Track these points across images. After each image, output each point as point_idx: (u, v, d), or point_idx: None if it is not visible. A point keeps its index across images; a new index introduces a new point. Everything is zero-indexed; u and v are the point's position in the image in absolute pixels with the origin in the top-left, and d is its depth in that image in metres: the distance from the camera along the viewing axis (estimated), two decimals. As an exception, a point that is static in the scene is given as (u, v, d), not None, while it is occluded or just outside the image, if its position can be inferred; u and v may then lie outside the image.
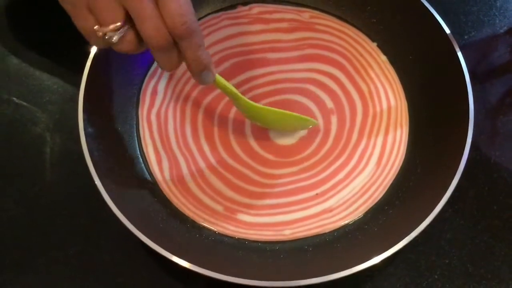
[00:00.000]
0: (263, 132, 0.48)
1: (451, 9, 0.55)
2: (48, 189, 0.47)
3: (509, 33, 0.54)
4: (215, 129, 0.48)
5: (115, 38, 0.33)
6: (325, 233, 0.44)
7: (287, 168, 0.47)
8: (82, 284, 0.43)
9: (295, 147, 0.48)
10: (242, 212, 0.45)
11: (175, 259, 0.37)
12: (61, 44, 0.53)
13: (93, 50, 0.44)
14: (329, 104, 0.49)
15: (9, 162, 0.48)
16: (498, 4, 0.56)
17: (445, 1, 0.55)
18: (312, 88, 0.50)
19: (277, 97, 0.49)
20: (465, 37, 0.54)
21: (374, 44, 0.52)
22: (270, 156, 0.47)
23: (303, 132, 0.48)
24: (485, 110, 0.50)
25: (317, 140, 0.48)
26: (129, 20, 0.32)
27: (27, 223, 0.46)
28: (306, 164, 0.47)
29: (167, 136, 0.48)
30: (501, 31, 0.54)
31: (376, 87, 0.50)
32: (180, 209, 0.45)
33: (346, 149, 0.47)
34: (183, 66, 0.36)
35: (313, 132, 0.48)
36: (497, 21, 0.55)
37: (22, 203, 0.47)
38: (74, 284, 0.43)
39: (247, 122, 0.48)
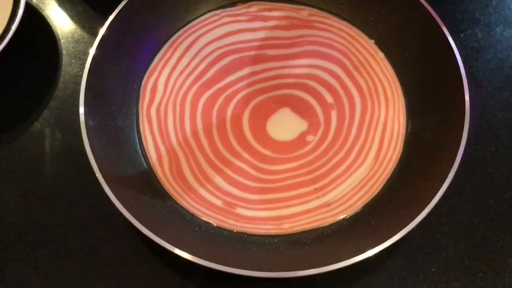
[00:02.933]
0: (261, 128, 0.48)
1: (447, 8, 0.56)
2: (49, 183, 0.47)
3: (505, 31, 0.55)
4: (214, 125, 0.49)
5: None
6: (323, 227, 0.45)
7: (286, 164, 0.47)
8: (83, 276, 0.44)
9: (294, 144, 0.48)
10: (241, 206, 0.45)
11: (177, 251, 0.37)
12: (63, 39, 0.54)
13: (94, 46, 0.45)
14: (329, 99, 0.50)
15: (10, 156, 0.49)
16: (493, 3, 0.56)
17: (442, -1, 0.56)
18: (311, 83, 0.50)
19: (277, 92, 0.50)
20: (461, 35, 0.54)
21: (372, 41, 0.52)
22: (268, 152, 0.48)
23: (303, 127, 0.49)
24: (481, 106, 0.50)
25: (318, 135, 0.48)
26: None
27: (28, 217, 0.46)
28: (305, 159, 0.47)
29: (166, 131, 0.48)
30: (497, 29, 0.55)
31: (374, 83, 0.51)
32: (180, 203, 0.45)
33: (345, 144, 0.48)
34: (184, 62, 0.36)
35: (314, 127, 0.49)
36: (493, 19, 0.55)
37: (23, 197, 0.47)
38: (75, 277, 0.44)
39: (245, 119, 0.49)
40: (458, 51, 0.45)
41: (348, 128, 0.49)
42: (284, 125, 0.49)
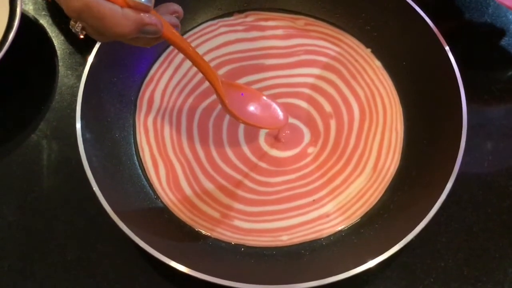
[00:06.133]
0: (256, 142, 0.48)
1: (443, 17, 0.56)
2: (46, 195, 0.47)
3: (502, 39, 0.55)
4: (210, 136, 0.48)
5: None
6: (322, 238, 0.44)
7: (284, 176, 0.47)
8: (80, 290, 0.44)
9: (292, 157, 0.48)
10: (238, 218, 0.45)
11: (173, 264, 0.37)
12: (59, 50, 0.54)
13: (91, 57, 0.45)
14: (327, 108, 0.50)
15: (7, 169, 0.48)
16: (490, 11, 0.56)
17: (438, 8, 0.56)
18: (309, 92, 0.51)
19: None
20: (458, 43, 0.54)
21: (369, 50, 0.52)
22: (264, 165, 0.48)
23: (307, 139, 0.49)
24: (479, 114, 0.50)
25: (318, 146, 0.48)
26: None
27: (25, 229, 0.46)
28: (303, 171, 0.47)
29: (163, 142, 0.48)
30: (494, 37, 0.55)
31: (371, 92, 0.51)
32: (177, 215, 0.45)
33: (344, 154, 0.48)
34: (180, 73, 0.36)
35: (315, 137, 0.49)
36: (490, 28, 0.56)
37: (20, 209, 0.47)
38: (72, 290, 0.44)
39: (240, 132, 0.49)
40: (455, 60, 0.45)
41: (347, 137, 0.49)
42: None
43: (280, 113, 0.46)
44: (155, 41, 0.37)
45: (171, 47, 0.52)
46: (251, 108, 0.46)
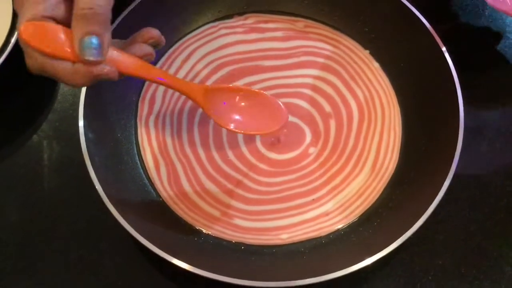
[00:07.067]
0: (254, 144, 0.49)
1: (441, 19, 0.56)
2: (48, 195, 0.48)
3: (499, 42, 0.55)
4: (210, 136, 0.49)
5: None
6: (321, 236, 0.45)
7: (284, 176, 0.48)
8: (82, 288, 0.44)
9: (293, 158, 0.48)
10: (238, 217, 0.46)
11: (175, 261, 0.37)
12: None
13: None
14: (327, 108, 0.51)
15: (9, 169, 0.49)
16: (486, 13, 0.57)
17: (436, 10, 0.56)
18: (309, 92, 0.51)
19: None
20: (455, 45, 0.55)
21: (367, 52, 0.53)
22: (264, 166, 0.48)
23: (308, 139, 0.49)
24: (476, 115, 0.51)
25: (319, 146, 0.49)
26: None
27: (28, 229, 0.46)
28: (304, 171, 0.48)
29: (164, 142, 0.49)
30: (491, 39, 0.56)
31: (370, 92, 0.51)
32: (178, 214, 0.46)
33: (344, 154, 0.48)
34: (181, 74, 0.37)
35: (315, 137, 0.49)
36: (487, 30, 0.56)
37: (23, 209, 0.47)
38: (75, 289, 0.44)
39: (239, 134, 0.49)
40: (452, 62, 0.45)
41: (346, 137, 0.49)
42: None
43: (281, 111, 0.45)
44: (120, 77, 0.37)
45: (172, 48, 0.52)
46: (245, 113, 0.44)
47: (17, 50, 0.47)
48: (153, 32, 0.38)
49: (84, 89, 0.44)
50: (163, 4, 0.50)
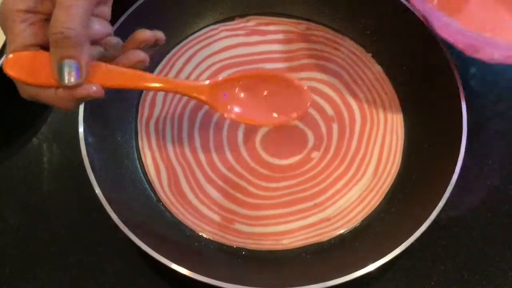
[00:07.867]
0: (255, 149, 0.48)
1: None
2: (48, 198, 0.47)
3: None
4: (211, 141, 0.49)
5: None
6: (323, 242, 0.45)
7: (285, 181, 0.47)
8: (82, 293, 0.44)
9: (295, 163, 0.48)
10: (239, 222, 0.45)
11: (175, 266, 0.37)
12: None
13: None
14: (329, 111, 0.50)
15: (9, 172, 0.49)
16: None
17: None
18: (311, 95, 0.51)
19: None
20: (458, 49, 0.55)
21: (369, 55, 0.53)
22: (265, 171, 0.48)
23: (311, 143, 0.48)
24: (479, 119, 0.51)
25: (321, 150, 0.48)
26: None
27: (27, 232, 0.46)
28: (305, 176, 0.47)
29: (165, 146, 0.48)
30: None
31: (372, 95, 0.51)
32: (179, 218, 0.45)
33: (346, 158, 0.48)
34: (182, 76, 0.36)
35: (318, 141, 0.49)
36: (489, 32, 0.56)
37: (22, 212, 0.47)
38: (74, 294, 0.44)
39: (240, 137, 0.49)
40: (455, 65, 0.45)
41: (349, 141, 0.49)
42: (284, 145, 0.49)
43: (302, 91, 0.42)
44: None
45: (172, 52, 0.52)
46: (261, 101, 0.41)
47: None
48: (145, 35, 0.37)
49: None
50: (164, 6, 0.50)
